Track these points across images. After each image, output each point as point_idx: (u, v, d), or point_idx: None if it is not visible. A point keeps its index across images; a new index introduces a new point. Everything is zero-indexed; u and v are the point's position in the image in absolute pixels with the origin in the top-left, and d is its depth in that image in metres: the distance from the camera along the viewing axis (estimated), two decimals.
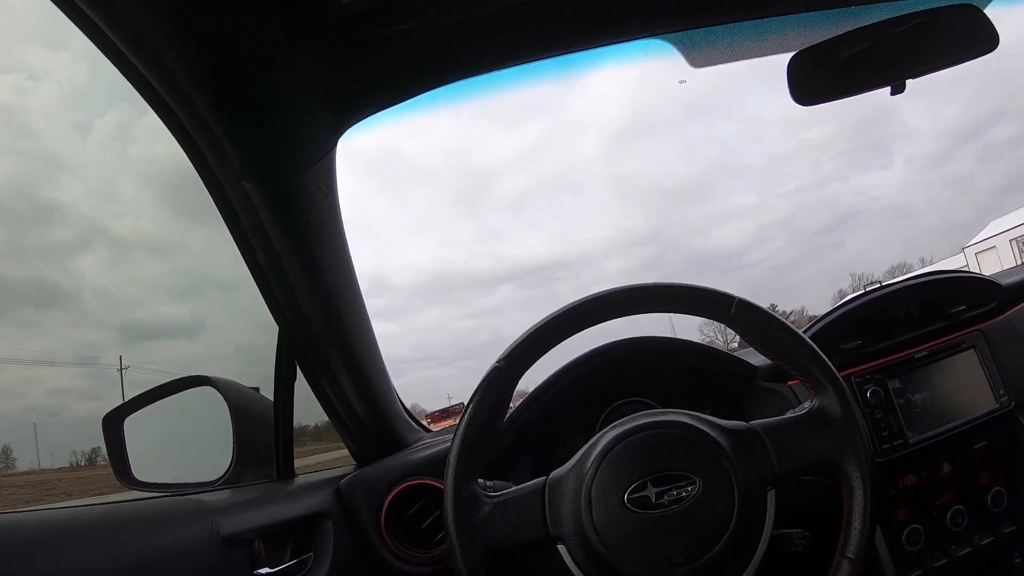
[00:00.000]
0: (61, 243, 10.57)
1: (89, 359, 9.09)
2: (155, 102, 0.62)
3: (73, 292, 11.48)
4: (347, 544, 0.88)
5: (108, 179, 14.82)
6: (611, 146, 43.15)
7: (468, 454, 0.64)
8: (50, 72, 11.84)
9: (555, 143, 46.75)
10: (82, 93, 13.42)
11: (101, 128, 16.51)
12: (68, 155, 14.84)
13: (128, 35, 0.54)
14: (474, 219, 40.94)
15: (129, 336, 11.60)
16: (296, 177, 0.69)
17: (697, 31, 0.79)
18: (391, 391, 1.01)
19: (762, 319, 0.68)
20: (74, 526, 0.63)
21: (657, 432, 0.64)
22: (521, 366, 0.67)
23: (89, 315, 11.69)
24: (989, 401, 0.99)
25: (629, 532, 0.60)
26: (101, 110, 16.09)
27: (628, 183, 40.04)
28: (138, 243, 13.08)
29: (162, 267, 11.39)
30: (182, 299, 10.26)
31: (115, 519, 0.67)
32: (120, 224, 13.86)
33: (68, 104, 13.74)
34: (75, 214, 13.10)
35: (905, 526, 0.95)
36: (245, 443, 0.93)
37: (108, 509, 0.68)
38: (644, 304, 0.69)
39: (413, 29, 0.65)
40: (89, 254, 12.64)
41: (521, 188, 41.36)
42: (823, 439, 0.65)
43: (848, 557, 0.62)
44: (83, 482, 3.49)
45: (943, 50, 0.80)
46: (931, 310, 1.03)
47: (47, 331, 9.08)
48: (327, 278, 0.78)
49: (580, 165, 46.36)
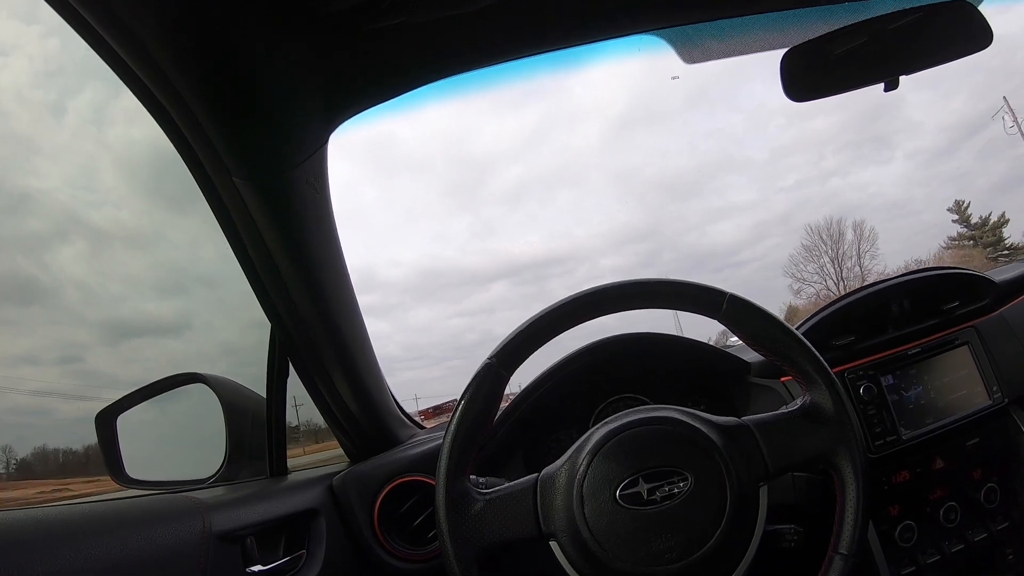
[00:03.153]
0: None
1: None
2: (145, 98, 0.61)
3: (52, 288, 11.30)
4: (340, 541, 0.88)
5: (87, 165, 14.43)
6: (609, 136, 42.69)
7: (459, 451, 0.64)
8: (20, 46, 11.48)
9: (551, 131, 46.13)
10: (54, 71, 13.01)
11: (77, 109, 16.12)
12: (42, 139, 14.43)
13: (118, 31, 0.54)
14: (467, 212, 40.64)
15: (113, 334, 11.48)
16: (287, 173, 0.69)
17: (690, 27, 0.79)
18: (384, 387, 1.01)
19: (754, 315, 0.68)
20: (67, 524, 0.63)
21: (649, 428, 0.64)
22: (512, 363, 0.67)
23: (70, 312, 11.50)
24: (982, 397, 0.99)
25: (621, 529, 0.60)
26: (75, 89, 15.63)
27: (626, 176, 39.75)
28: (119, 235, 12.86)
29: (148, 260, 11.19)
30: (168, 295, 10.14)
31: (108, 517, 0.67)
32: (100, 214, 13.58)
33: (40, 83, 13.41)
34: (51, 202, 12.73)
35: (898, 522, 0.95)
36: (238, 440, 0.93)
37: (101, 507, 0.68)
38: (635, 300, 0.69)
39: (404, 24, 0.65)
40: (68, 246, 12.43)
41: (516, 180, 41.03)
42: (816, 435, 0.65)
43: (841, 553, 0.62)
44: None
45: (937, 47, 0.80)
46: (925, 306, 1.03)
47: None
48: (319, 274, 0.78)
49: (577, 156, 45.72)
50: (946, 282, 1.06)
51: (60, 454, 3.48)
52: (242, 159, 0.66)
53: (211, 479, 0.91)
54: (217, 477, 0.91)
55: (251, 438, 0.94)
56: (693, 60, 0.84)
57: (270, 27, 0.60)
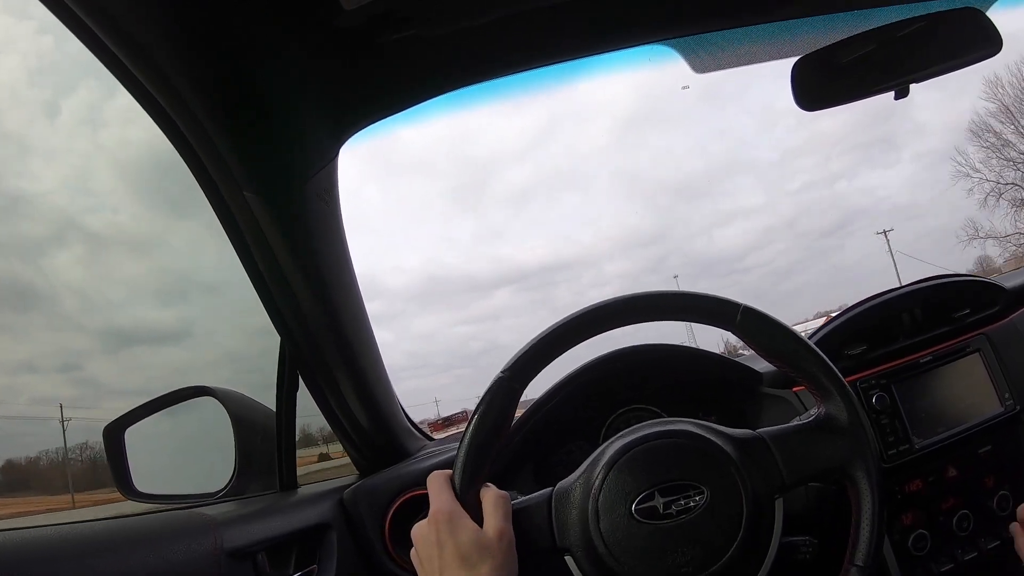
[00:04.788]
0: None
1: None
2: (155, 112, 0.61)
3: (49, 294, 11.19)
4: (351, 555, 0.87)
5: (83, 166, 14.23)
6: (618, 137, 43.01)
7: (473, 466, 0.64)
8: (13, 41, 11.32)
9: (558, 132, 46.48)
10: (48, 68, 12.86)
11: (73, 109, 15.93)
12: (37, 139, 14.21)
13: (128, 45, 0.53)
14: (472, 216, 40.59)
15: (116, 341, 11.40)
16: (298, 187, 0.69)
17: (699, 36, 0.79)
18: (394, 400, 1.00)
19: (768, 326, 0.67)
20: (78, 542, 0.63)
21: (664, 442, 0.63)
22: (524, 377, 0.67)
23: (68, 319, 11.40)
24: (994, 405, 0.99)
25: (637, 543, 0.59)
26: (70, 88, 15.48)
27: (634, 177, 39.90)
28: (120, 239, 12.72)
29: (150, 265, 11.08)
30: (173, 302, 10.06)
31: (119, 534, 0.67)
32: (98, 219, 13.38)
33: (35, 81, 13.24)
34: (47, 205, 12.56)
35: (911, 531, 0.95)
36: (247, 454, 0.93)
37: (112, 524, 0.68)
38: (649, 313, 0.69)
39: (414, 37, 0.65)
40: (65, 251, 12.29)
41: (522, 182, 41.12)
42: (831, 446, 0.64)
43: (857, 565, 0.61)
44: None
45: (946, 54, 0.79)
46: (935, 314, 1.02)
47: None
48: (329, 287, 0.78)
49: (584, 158, 46.07)
50: (957, 289, 1.05)
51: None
52: (253, 173, 0.66)
53: (221, 493, 0.91)
54: (227, 491, 0.91)
55: (260, 451, 0.93)
56: (703, 70, 0.84)
57: (282, 42, 0.60)
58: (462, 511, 0.61)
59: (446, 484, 0.63)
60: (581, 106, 44.89)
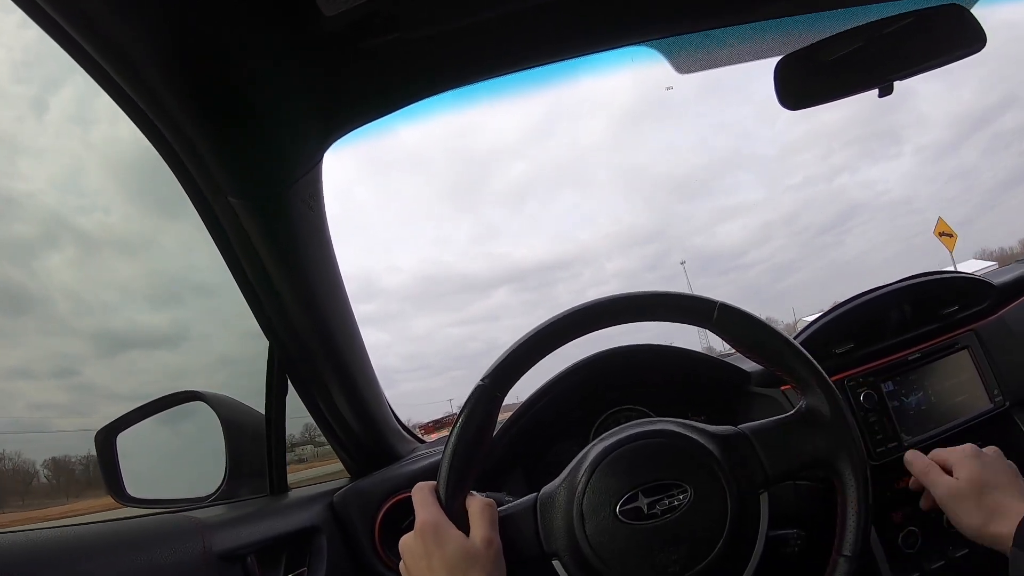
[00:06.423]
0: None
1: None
2: (138, 118, 0.61)
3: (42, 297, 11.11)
4: (341, 558, 0.87)
5: (73, 165, 14.06)
6: (615, 133, 42.79)
7: (457, 476, 0.64)
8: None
9: (555, 127, 46.31)
10: (34, 64, 12.65)
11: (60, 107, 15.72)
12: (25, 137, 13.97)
13: (106, 48, 0.53)
14: (468, 214, 40.37)
15: (106, 345, 11.31)
16: (283, 192, 0.69)
17: (682, 37, 0.79)
18: (383, 402, 1.00)
19: (745, 322, 0.68)
20: (66, 545, 0.62)
21: (645, 442, 0.64)
22: (505, 383, 0.66)
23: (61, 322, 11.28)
24: (983, 401, 0.99)
25: (623, 544, 0.60)
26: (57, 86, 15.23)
27: (633, 174, 39.72)
28: (110, 240, 12.59)
29: (144, 268, 10.96)
30: (165, 305, 9.97)
31: (108, 537, 0.67)
32: (89, 219, 13.22)
33: (21, 78, 13.07)
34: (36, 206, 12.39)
35: (901, 529, 0.95)
36: (237, 458, 0.93)
37: (101, 527, 0.68)
38: (624, 315, 0.68)
39: (399, 40, 0.65)
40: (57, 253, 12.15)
41: (518, 179, 40.84)
42: (813, 438, 0.65)
43: (845, 555, 0.62)
44: None
45: (930, 51, 0.80)
46: (923, 311, 1.03)
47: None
48: (315, 291, 0.78)
49: (582, 155, 45.80)
50: (945, 286, 1.05)
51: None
52: (237, 178, 0.66)
53: (211, 497, 0.91)
54: (217, 495, 0.91)
55: (250, 455, 0.93)
56: (686, 70, 0.84)
57: (264, 47, 0.60)
58: (448, 521, 0.61)
59: (431, 495, 0.63)
60: (577, 102, 44.84)
